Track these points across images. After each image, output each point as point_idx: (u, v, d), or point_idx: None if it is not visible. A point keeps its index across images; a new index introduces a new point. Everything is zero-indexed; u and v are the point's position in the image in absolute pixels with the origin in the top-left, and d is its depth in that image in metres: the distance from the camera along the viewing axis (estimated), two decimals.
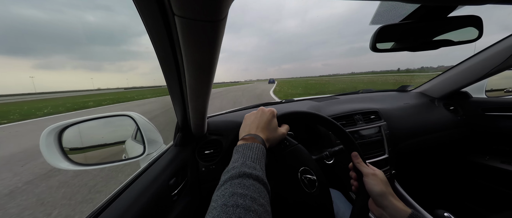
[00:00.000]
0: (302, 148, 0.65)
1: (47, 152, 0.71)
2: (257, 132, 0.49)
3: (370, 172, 0.52)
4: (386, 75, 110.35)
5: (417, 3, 0.40)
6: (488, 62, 1.07)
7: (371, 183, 0.50)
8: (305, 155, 0.63)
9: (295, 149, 0.62)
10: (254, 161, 0.39)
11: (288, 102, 1.31)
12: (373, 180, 0.50)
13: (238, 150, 0.43)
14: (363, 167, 0.53)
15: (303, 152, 0.64)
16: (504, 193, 1.15)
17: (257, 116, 0.53)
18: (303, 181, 0.56)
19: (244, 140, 0.47)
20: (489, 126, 1.23)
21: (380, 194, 0.48)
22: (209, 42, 0.29)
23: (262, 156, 0.42)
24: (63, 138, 0.79)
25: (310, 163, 0.61)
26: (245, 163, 0.37)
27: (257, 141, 0.46)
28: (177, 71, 0.40)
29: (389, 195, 0.48)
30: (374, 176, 0.51)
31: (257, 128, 0.50)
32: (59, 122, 0.76)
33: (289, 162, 0.58)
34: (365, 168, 0.53)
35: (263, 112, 0.54)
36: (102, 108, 14.07)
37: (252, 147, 0.43)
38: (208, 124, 0.87)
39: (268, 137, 0.50)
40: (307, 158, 0.63)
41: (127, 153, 1.10)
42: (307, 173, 0.58)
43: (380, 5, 0.45)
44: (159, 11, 0.25)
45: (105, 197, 0.54)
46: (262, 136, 0.48)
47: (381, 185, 0.49)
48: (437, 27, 0.48)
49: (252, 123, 0.52)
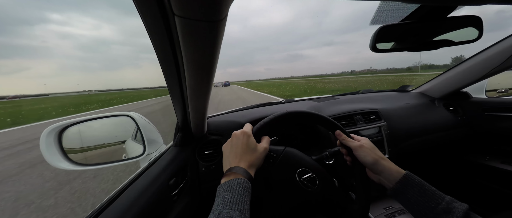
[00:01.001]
0: (291, 151, 0.62)
1: (47, 152, 0.71)
2: (237, 162, 0.46)
3: (357, 144, 0.54)
4: (316, 78, 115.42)
5: (417, 3, 0.40)
6: (488, 62, 1.07)
7: (361, 155, 0.52)
8: (296, 157, 0.61)
9: (284, 156, 0.59)
10: (232, 206, 0.37)
11: (288, 102, 1.31)
12: (362, 152, 0.52)
13: (219, 192, 0.41)
14: (349, 142, 0.55)
15: (293, 154, 0.61)
16: (504, 193, 1.15)
17: (233, 144, 0.50)
18: (303, 183, 0.56)
19: (226, 176, 0.44)
20: (489, 126, 1.23)
21: (373, 163, 0.50)
22: (209, 42, 0.29)
23: (244, 192, 0.40)
24: (63, 138, 0.79)
25: (304, 163, 0.60)
26: (221, 213, 0.35)
27: (239, 175, 0.43)
28: (177, 71, 0.40)
29: (381, 161, 0.50)
30: (362, 147, 0.53)
31: (235, 157, 0.47)
32: (59, 122, 0.76)
33: (283, 171, 0.57)
34: (351, 142, 0.55)
35: (237, 137, 0.51)
36: None
37: (232, 186, 0.40)
38: (208, 124, 0.87)
39: (251, 161, 0.47)
40: (299, 158, 0.61)
41: (127, 153, 1.10)
42: (305, 173, 0.57)
43: (380, 5, 0.45)
44: (159, 11, 0.25)
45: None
46: (243, 164, 0.46)
47: (371, 153, 0.51)
48: (437, 27, 0.48)
49: (230, 153, 0.49)
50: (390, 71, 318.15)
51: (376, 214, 0.95)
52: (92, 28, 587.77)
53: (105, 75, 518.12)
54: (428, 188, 0.43)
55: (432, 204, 0.40)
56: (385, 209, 0.99)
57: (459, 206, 0.38)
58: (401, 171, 0.47)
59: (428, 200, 0.41)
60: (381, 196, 1.08)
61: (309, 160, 0.61)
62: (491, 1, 0.30)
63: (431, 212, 0.40)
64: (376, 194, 1.08)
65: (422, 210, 0.41)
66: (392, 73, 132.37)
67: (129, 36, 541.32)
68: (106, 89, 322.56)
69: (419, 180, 0.45)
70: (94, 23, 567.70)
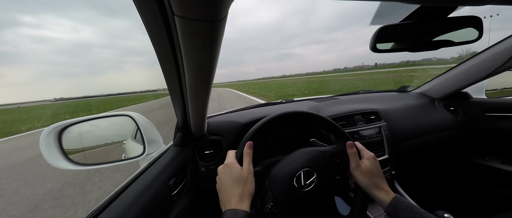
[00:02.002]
0: (274, 164, 0.57)
1: (47, 152, 0.71)
2: (228, 200, 0.45)
3: (354, 166, 0.54)
4: (312, 77, 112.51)
5: (417, 3, 0.40)
6: (489, 63, 1.07)
7: (356, 178, 0.54)
8: (284, 167, 0.54)
9: (273, 175, 0.53)
10: None
11: (288, 102, 1.31)
12: (358, 175, 0.53)
13: None
14: (351, 159, 0.55)
15: (279, 167, 0.55)
16: (504, 194, 1.15)
17: (221, 182, 0.49)
18: (299, 186, 0.51)
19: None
20: (489, 127, 1.23)
21: (365, 188, 0.52)
22: (209, 42, 0.29)
23: None
24: (63, 138, 0.79)
25: (289, 168, 0.53)
26: None
27: (237, 216, 0.42)
28: (177, 71, 0.40)
29: (371, 189, 0.51)
30: (359, 169, 0.54)
31: (225, 196, 0.46)
32: (59, 122, 0.76)
33: (277, 187, 0.51)
34: (352, 161, 0.55)
35: (222, 173, 0.50)
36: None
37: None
38: (208, 124, 0.87)
39: (240, 194, 0.45)
40: (284, 165, 0.55)
41: (126, 153, 1.10)
42: (301, 176, 0.52)
43: (380, 6, 0.45)
44: (159, 11, 0.25)
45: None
46: (234, 201, 0.44)
47: (365, 179, 0.52)
48: (437, 28, 0.48)
49: (221, 193, 0.48)
50: (378, 67, 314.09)
51: (376, 215, 0.95)
52: (71, 31, 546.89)
53: (86, 80, 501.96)
54: (417, 210, 0.44)
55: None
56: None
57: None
58: (387, 200, 0.48)
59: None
60: None
61: (293, 163, 0.55)
62: (491, 1, 0.30)
63: None
64: None
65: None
66: (381, 69, 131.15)
67: (111, 38, 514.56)
68: (84, 95, 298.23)
69: (408, 202, 0.46)
70: (72, 26, 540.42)
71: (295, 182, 0.51)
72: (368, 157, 0.55)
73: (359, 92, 1.57)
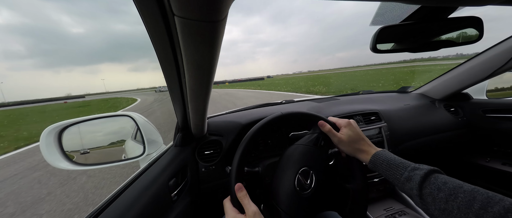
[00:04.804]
0: (273, 165, 0.56)
1: (47, 152, 0.71)
2: None
3: (336, 140, 0.56)
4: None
5: (418, 4, 0.40)
6: (489, 64, 1.06)
7: (341, 150, 0.57)
8: (280, 180, 0.53)
9: (275, 192, 0.52)
10: None
11: (288, 102, 1.31)
12: (341, 147, 0.56)
13: None
14: (332, 136, 0.57)
15: (276, 182, 0.53)
16: (505, 195, 1.15)
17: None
18: (302, 189, 0.51)
19: None
20: (490, 128, 1.23)
21: (352, 155, 0.55)
22: (209, 43, 0.29)
23: None
24: (63, 138, 0.79)
25: (285, 180, 0.52)
26: None
27: None
28: (177, 72, 0.40)
29: (356, 154, 0.54)
30: (341, 142, 0.55)
31: None
32: (59, 122, 0.76)
33: (284, 205, 0.50)
34: (333, 137, 0.56)
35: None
36: None
37: None
38: (208, 124, 0.86)
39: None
40: (280, 177, 0.53)
41: (126, 153, 1.10)
42: (302, 178, 0.52)
43: (381, 6, 0.45)
44: (159, 11, 0.25)
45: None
46: None
47: (348, 148, 0.55)
48: (438, 28, 0.48)
49: None
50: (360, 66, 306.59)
51: (377, 215, 0.95)
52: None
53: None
54: (393, 162, 0.47)
55: (397, 175, 0.45)
56: (386, 210, 0.98)
57: (419, 172, 0.42)
58: (370, 154, 0.51)
59: (394, 173, 0.46)
60: (381, 197, 1.08)
61: (288, 170, 0.54)
62: (492, 1, 0.30)
63: (398, 182, 0.45)
64: (376, 195, 1.08)
65: (393, 182, 0.46)
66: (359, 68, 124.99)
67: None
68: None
69: (386, 156, 0.49)
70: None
71: (297, 186, 0.50)
72: (344, 125, 0.57)
73: (360, 93, 1.57)
